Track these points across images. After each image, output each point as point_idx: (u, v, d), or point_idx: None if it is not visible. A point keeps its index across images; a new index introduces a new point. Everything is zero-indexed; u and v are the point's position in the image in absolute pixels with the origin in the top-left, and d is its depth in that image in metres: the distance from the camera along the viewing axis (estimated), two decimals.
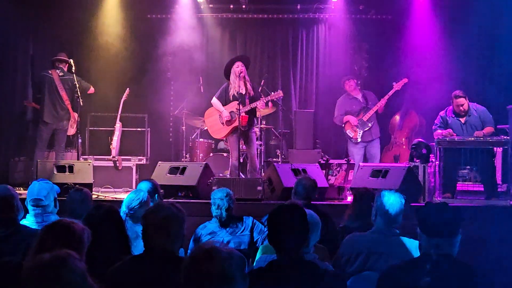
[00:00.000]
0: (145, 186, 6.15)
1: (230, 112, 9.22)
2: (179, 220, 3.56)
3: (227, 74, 9.40)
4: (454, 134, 8.82)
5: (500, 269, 6.67)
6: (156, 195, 6.19)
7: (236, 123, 9.06)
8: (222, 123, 9.34)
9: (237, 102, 8.91)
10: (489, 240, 7.52)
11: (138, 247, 4.46)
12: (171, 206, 3.60)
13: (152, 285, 3.39)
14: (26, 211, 5.07)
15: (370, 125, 10.45)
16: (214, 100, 9.41)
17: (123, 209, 5.39)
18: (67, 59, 10.33)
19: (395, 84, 10.27)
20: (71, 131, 10.36)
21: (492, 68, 11.55)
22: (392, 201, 4.65)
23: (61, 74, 10.31)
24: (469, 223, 7.02)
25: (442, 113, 9.21)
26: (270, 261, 3.47)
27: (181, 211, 3.61)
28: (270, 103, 9.97)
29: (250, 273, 3.13)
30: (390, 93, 10.35)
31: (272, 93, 9.43)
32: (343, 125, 10.64)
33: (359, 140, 10.47)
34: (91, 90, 10.51)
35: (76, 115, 10.18)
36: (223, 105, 9.32)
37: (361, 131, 10.44)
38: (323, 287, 3.32)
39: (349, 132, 10.53)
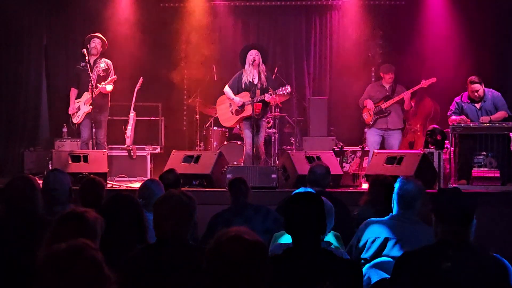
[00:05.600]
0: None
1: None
2: (189, 208, 3.56)
3: (242, 61, 9.34)
4: (468, 120, 8.75)
5: None
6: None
7: (245, 113, 9.04)
8: (232, 112, 9.30)
9: (249, 93, 8.88)
10: (505, 227, 7.49)
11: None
12: (180, 194, 3.61)
13: (164, 273, 3.41)
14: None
15: (386, 113, 10.36)
16: (226, 89, 9.38)
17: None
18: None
19: (423, 81, 10.14)
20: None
21: (508, 51, 11.46)
22: (409, 187, 4.62)
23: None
24: (484, 209, 7.00)
25: (457, 99, 9.14)
26: (286, 249, 3.47)
27: (192, 199, 3.61)
28: None
29: None
30: (415, 88, 10.24)
31: (281, 87, 9.26)
32: (362, 108, 10.61)
33: (371, 123, 10.40)
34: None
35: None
36: (235, 94, 9.27)
37: (376, 117, 10.37)
38: (339, 274, 3.31)
39: (365, 116, 10.48)
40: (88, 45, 9.91)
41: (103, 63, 9.86)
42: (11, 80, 11.35)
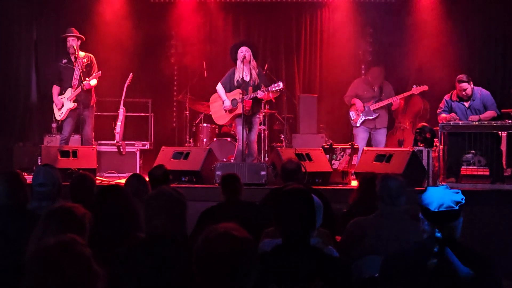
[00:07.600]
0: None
1: (232, 100, 9.15)
2: (180, 204, 3.57)
3: (233, 58, 9.30)
4: (457, 118, 8.78)
5: (504, 254, 6.68)
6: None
7: (238, 111, 9.02)
8: (225, 110, 9.28)
9: (240, 90, 8.86)
10: (494, 225, 7.52)
11: None
12: (171, 190, 3.62)
13: (154, 269, 3.40)
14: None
15: (374, 115, 10.31)
16: (219, 87, 9.32)
17: None
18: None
19: (414, 88, 10.05)
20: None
21: (497, 51, 11.50)
22: (391, 183, 4.65)
23: None
24: (473, 207, 7.03)
25: (447, 97, 9.16)
26: (275, 246, 3.46)
27: (182, 195, 3.62)
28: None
29: None
30: (405, 94, 10.20)
31: (274, 84, 9.23)
32: (350, 106, 10.56)
33: (358, 125, 10.36)
34: None
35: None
36: (228, 91, 9.23)
37: (364, 118, 10.34)
38: (328, 272, 3.31)
39: (352, 114, 10.42)
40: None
41: (85, 58, 9.77)
42: (1, 74, 11.30)
